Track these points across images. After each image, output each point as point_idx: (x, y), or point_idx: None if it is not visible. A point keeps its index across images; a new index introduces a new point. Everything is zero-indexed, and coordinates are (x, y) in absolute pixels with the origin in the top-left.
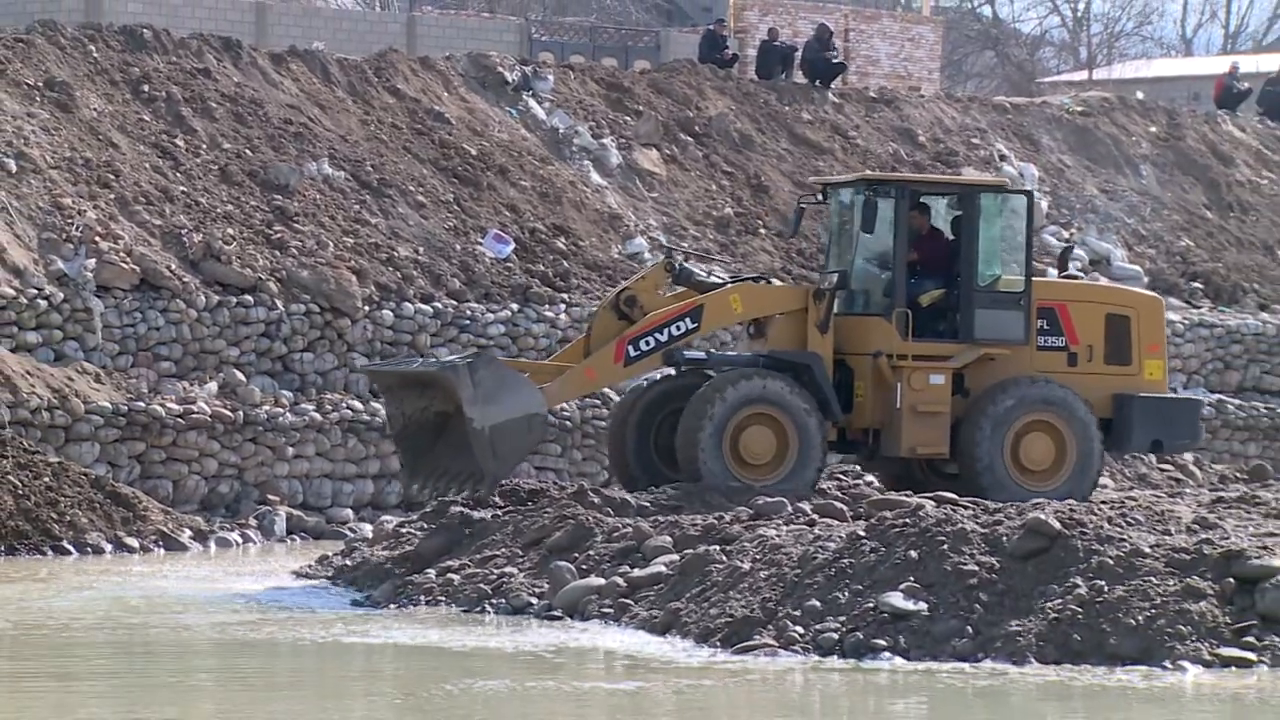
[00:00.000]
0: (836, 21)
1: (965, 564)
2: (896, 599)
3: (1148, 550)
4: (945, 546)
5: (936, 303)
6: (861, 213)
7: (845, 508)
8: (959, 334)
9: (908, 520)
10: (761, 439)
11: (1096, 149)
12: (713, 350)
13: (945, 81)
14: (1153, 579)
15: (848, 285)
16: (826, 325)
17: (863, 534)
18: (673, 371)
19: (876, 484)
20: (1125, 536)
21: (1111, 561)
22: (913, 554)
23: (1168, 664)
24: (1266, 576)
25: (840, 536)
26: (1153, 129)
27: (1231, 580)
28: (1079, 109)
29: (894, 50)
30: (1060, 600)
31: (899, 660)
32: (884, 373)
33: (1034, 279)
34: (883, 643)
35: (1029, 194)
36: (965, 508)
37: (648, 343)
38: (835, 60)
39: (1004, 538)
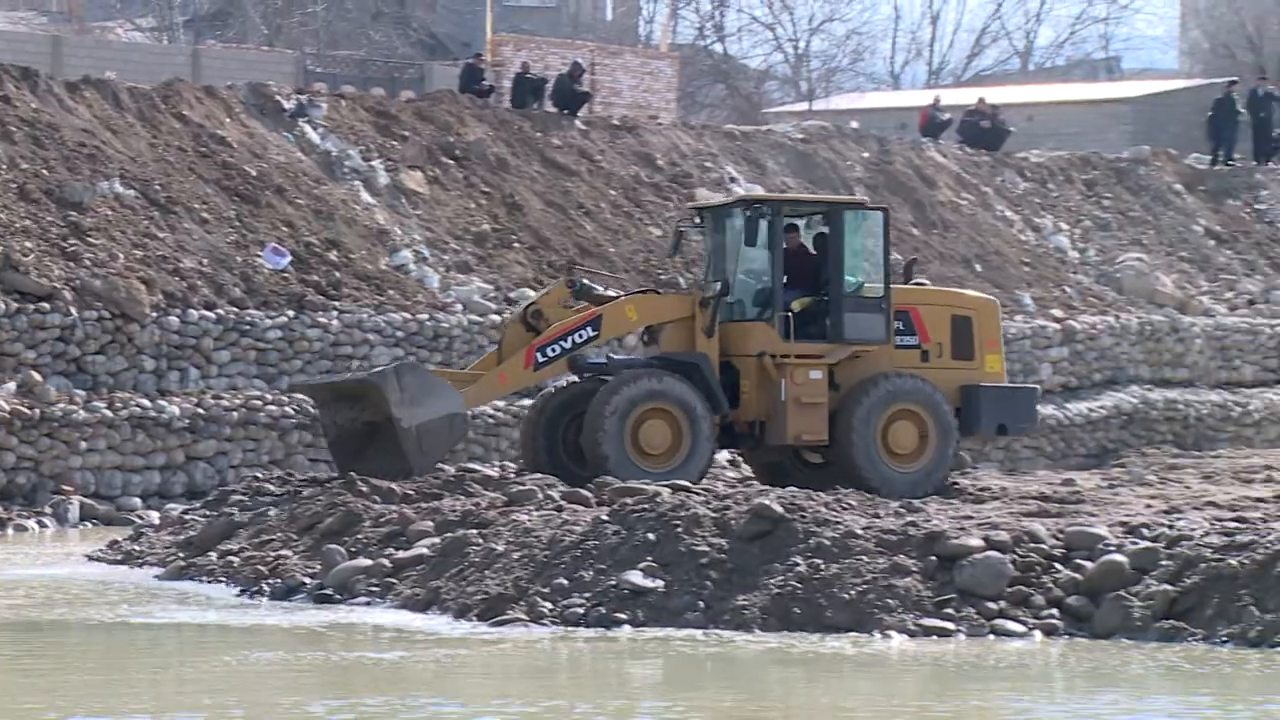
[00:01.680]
0: (584, 56)
1: (698, 545)
2: (636, 577)
3: (860, 532)
4: (680, 529)
5: (807, 308)
6: (744, 230)
7: (591, 495)
8: (829, 335)
9: (646, 506)
10: (658, 432)
11: (816, 172)
12: (611, 356)
13: (681, 111)
14: (864, 557)
15: (730, 294)
16: (712, 330)
17: (606, 518)
18: (576, 379)
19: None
20: (840, 519)
21: (828, 542)
22: (650, 536)
23: (876, 633)
24: (964, 555)
25: (586, 521)
26: (865, 154)
27: (934, 558)
28: (800, 136)
29: (635, 83)
30: (782, 577)
31: (637, 631)
32: (768, 370)
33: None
34: (623, 616)
35: (885, 210)
36: (698, 495)
37: (554, 349)
38: (582, 91)
39: (732, 521)
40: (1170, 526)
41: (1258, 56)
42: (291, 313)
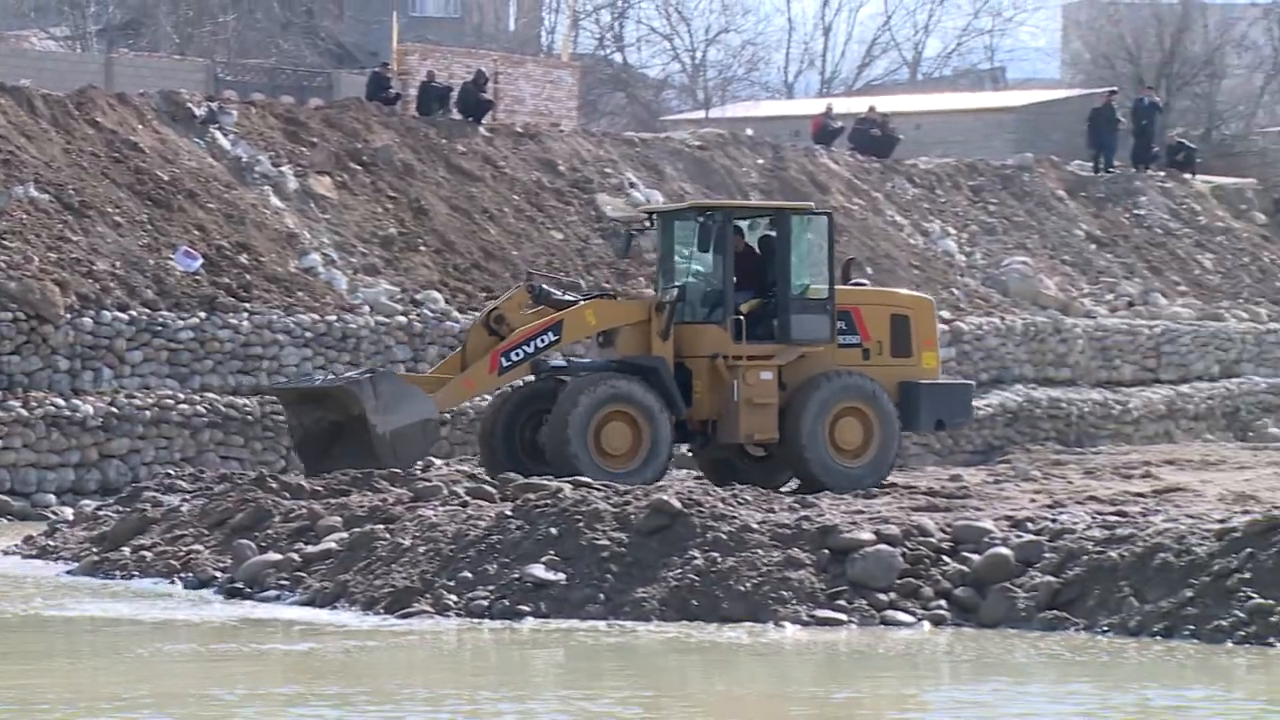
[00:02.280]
0: (487, 65)
1: (599, 539)
2: (539, 570)
3: (755, 526)
4: (581, 524)
5: (754, 310)
6: (697, 235)
7: (495, 490)
8: (778, 336)
9: (549, 502)
10: (619, 433)
11: (713, 178)
12: (571, 359)
13: (582, 118)
14: (759, 551)
15: (686, 298)
16: (667, 333)
17: (510, 514)
18: (532, 378)
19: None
20: (736, 514)
21: (725, 536)
22: (553, 531)
23: (771, 624)
24: (855, 548)
25: (490, 516)
26: (760, 161)
27: (826, 551)
28: (697, 143)
29: (537, 91)
30: (680, 570)
31: (540, 622)
32: (720, 372)
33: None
34: (527, 608)
35: (829, 215)
36: (599, 490)
37: (518, 354)
38: (485, 99)
39: (632, 516)
40: (1053, 520)
41: (1136, 67)
42: (203, 314)
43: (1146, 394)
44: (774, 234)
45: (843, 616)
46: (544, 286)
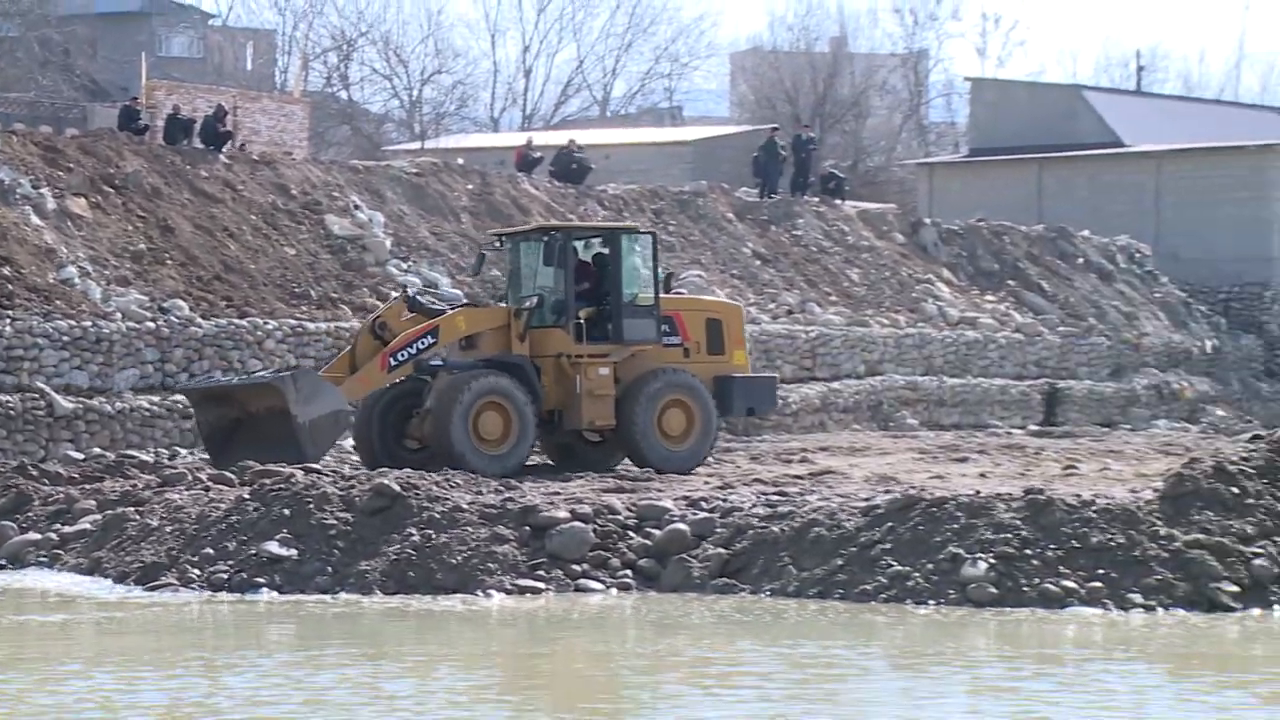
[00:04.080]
0: (227, 100)
1: (327, 519)
2: (273, 546)
3: (466, 506)
4: (311, 505)
5: (591, 316)
6: (541, 253)
7: (234, 476)
8: (612, 337)
9: (282, 485)
10: (493, 421)
11: (428, 201)
12: (445, 358)
13: (311, 148)
14: (469, 528)
15: (543, 307)
16: (524, 336)
17: (247, 497)
18: (400, 379)
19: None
20: (449, 496)
21: (438, 515)
22: (286, 512)
23: (480, 592)
24: (553, 525)
25: (230, 499)
26: (470, 186)
27: (527, 528)
28: (414, 171)
29: (272, 123)
30: (399, 546)
31: (274, 594)
32: (564, 368)
33: (660, 296)
34: (262, 581)
35: (653, 234)
36: (326, 476)
37: (403, 355)
38: (225, 130)
39: (356, 498)
40: (724, 500)
41: (794, 108)
42: None
43: (804, 390)
44: (606, 251)
45: (542, 585)
46: (418, 298)
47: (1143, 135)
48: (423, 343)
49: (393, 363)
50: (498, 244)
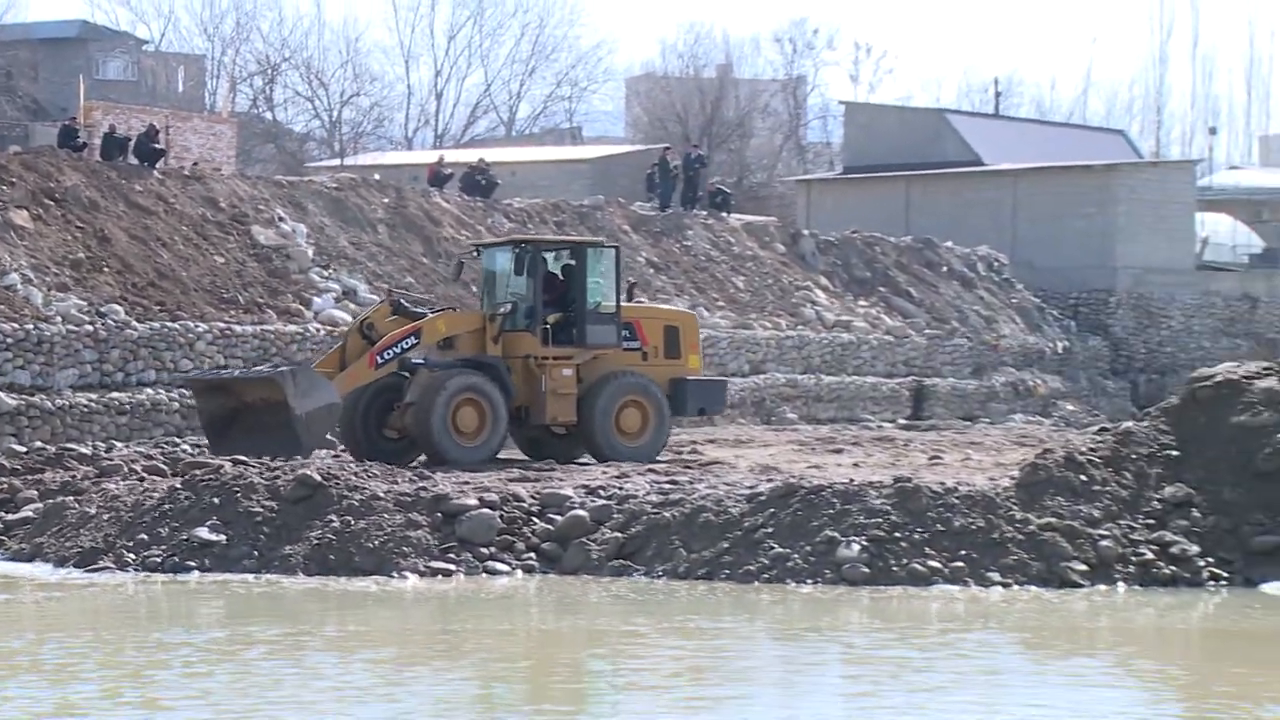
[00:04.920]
0: (160, 120)
1: (253, 507)
2: (204, 532)
3: (382, 495)
4: (239, 494)
5: (558, 322)
6: (513, 263)
7: (167, 468)
8: (576, 341)
9: (212, 476)
10: (470, 416)
11: (347, 214)
12: (426, 358)
13: (239, 164)
14: (385, 515)
15: (515, 312)
16: (498, 338)
17: (179, 486)
18: (380, 375)
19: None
20: (367, 486)
21: (357, 503)
22: (215, 500)
23: (395, 574)
24: (463, 512)
25: (163, 489)
26: (386, 200)
27: (439, 515)
28: (334, 186)
29: (202, 142)
30: (320, 531)
31: (203, 575)
32: (532, 369)
33: (621, 305)
34: (193, 564)
35: (617, 248)
36: (253, 467)
37: (389, 354)
38: (158, 148)
39: (281, 488)
40: (620, 488)
41: (684, 129)
42: None
43: None
44: (573, 262)
45: (452, 567)
46: (402, 301)
47: (1000, 155)
48: (407, 343)
49: (379, 360)
50: (475, 254)
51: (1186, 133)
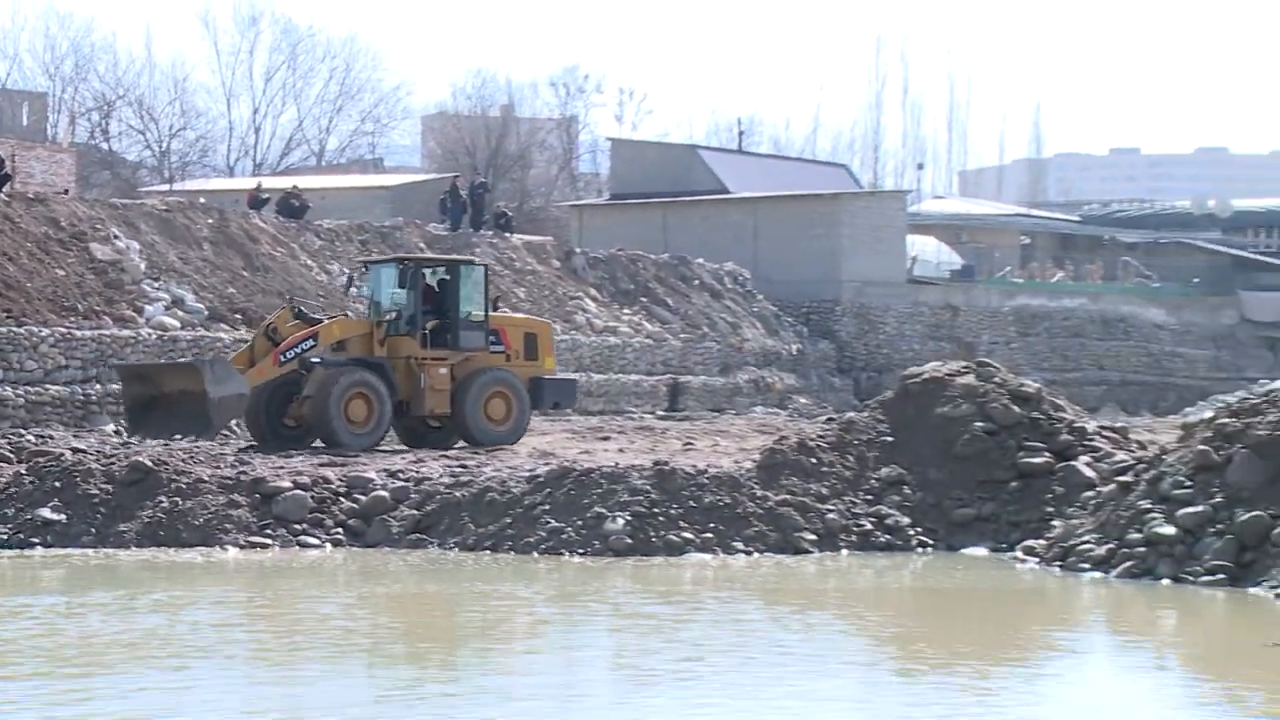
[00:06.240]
0: (6, 149)
1: (91, 489)
2: (46, 512)
3: (206, 478)
4: (78, 478)
5: (435, 328)
6: (397, 277)
7: (13, 456)
8: (450, 345)
9: (54, 462)
10: (360, 408)
11: (175, 232)
12: (323, 357)
13: (79, 189)
14: (210, 495)
15: (398, 320)
16: (384, 342)
17: (24, 472)
18: (283, 372)
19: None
20: (193, 470)
21: (184, 485)
22: (57, 484)
23: (219, 548)
24: (278, 493)
25: (10, 474)
26: (210, 220)
27: (258, 495)
28: (164, 208)
29: (45, 169)
30: (151, 510)
31: (48, 551)
32: (412, 368)
33: (490, 314)
34: (37, 541)
35: (485, 267)
36: (91, 454)
37: (290, 353)
38: (5, 174)
39: (116, 472)
40: (417, 471)
41: (473, 160)
42: None
43: None
44: (448, 278)
45: (269, 542)
46: (301, 309)
47: (744, 185)
48: (306, 344)
49: (283, 359)
50: (364, 270)
51: (899, 167)
